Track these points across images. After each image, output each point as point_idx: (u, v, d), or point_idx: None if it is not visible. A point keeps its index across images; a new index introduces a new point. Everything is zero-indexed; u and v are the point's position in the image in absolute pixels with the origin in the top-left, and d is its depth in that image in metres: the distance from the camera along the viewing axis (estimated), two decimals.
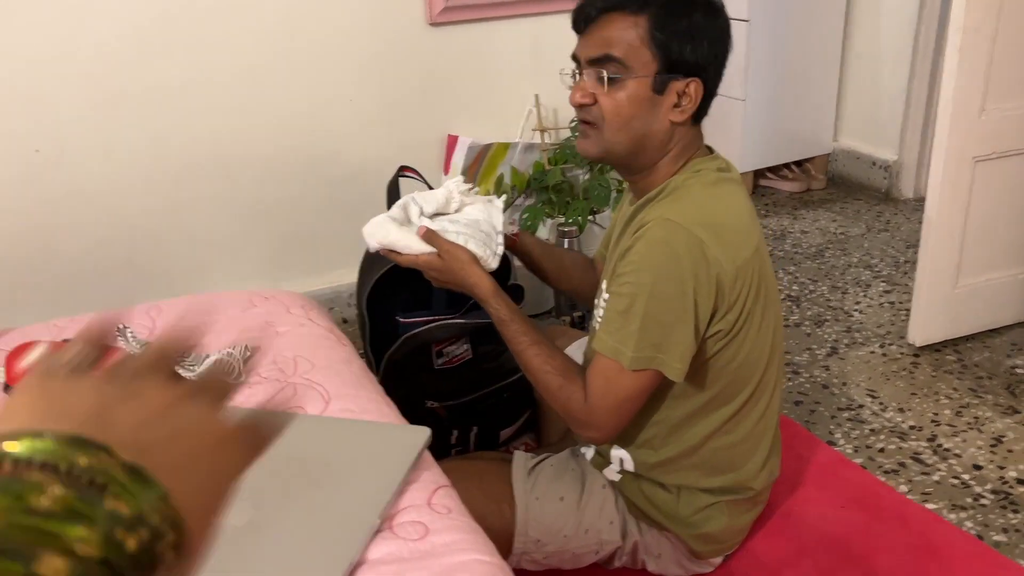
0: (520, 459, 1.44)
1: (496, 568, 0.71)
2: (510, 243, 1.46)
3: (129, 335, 1.00)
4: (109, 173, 1.97)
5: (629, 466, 1.38)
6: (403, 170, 1.94)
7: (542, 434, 1.80)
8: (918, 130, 3.05)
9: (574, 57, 1.26)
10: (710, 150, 1.32)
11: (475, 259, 1.31)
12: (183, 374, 1.00)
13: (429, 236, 1.30)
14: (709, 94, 1.24)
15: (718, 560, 1.46)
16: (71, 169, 1.93)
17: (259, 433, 0.41)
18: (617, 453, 1.38)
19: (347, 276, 2.17)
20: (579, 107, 1.25)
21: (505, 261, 1.70)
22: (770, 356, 1.32)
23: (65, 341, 1.07)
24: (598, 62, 1.21)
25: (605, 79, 1.20)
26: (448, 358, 1.63)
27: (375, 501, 0.78)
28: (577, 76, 1.25)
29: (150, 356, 0.38)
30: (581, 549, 1.39)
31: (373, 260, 1.76)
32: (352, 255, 2.19)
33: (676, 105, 1.22)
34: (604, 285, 1.27)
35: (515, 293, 1.66)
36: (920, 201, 3.09)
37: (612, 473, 1.40)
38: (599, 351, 1.22)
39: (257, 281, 2.05)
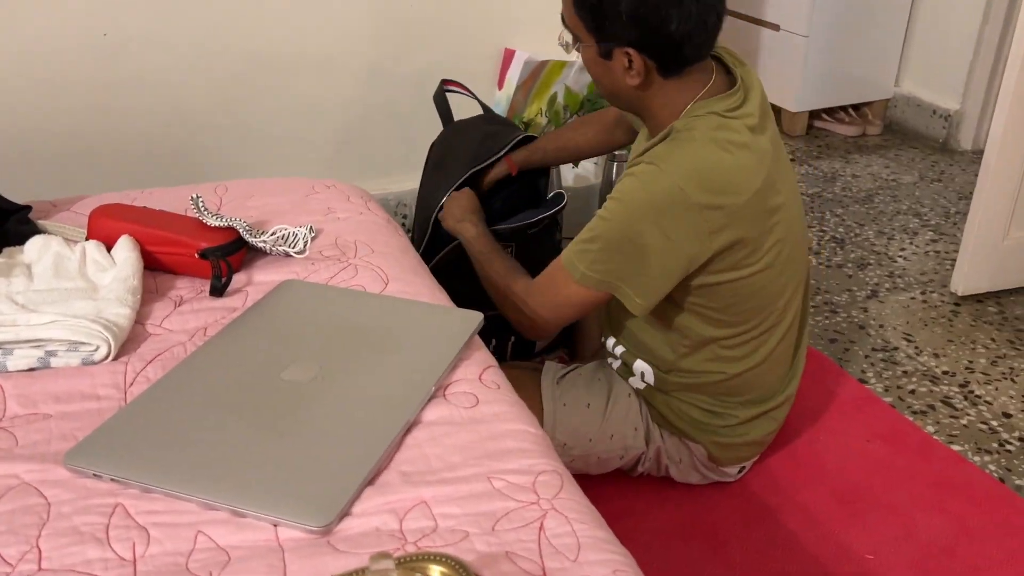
0: (550, 368, 1.50)
1: (540, 439, 0.76)
2: (512, 170, 1.66)
3: (201, 204, 1.04)
4: (170, 63, 2.01)
5: (650, 379, 1.43)
6: (446, 84, 1.91)
7: (577, 350, 1.85)
8: (984, 79, 2.95)
9: None
10: (732, 80, 1.25)
11: (475, 209, 1.54)
12: (253, 242, 1.04)
13: None
14: (664, 52, 1.17)
15: (734, 470, 1.51)
16: (134, 56, 1.97)
17: None
18: (639, 366, 1.43)
19: (397, 184, 2.21)
20: None
21: (529, 177, 1.74)
22: (782, 287, 1.32)
23: (144, 209, 1.12)
24: (563, 21, 1.23)
25: (570, 41, 1.22)
26: None
27: (431, 371, 0.83)
28: None
29: None
30: (606, 454, 1.46)
31: (443, 172, 1.78)
32: (403, 163, 2.22)
33: (629, 68, 1.19)
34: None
35: (556, 201, 1.71)
36: (978, 154, 3.02)
37: (637, 382, 1.45)
38: (560, 256, 1.27)
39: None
